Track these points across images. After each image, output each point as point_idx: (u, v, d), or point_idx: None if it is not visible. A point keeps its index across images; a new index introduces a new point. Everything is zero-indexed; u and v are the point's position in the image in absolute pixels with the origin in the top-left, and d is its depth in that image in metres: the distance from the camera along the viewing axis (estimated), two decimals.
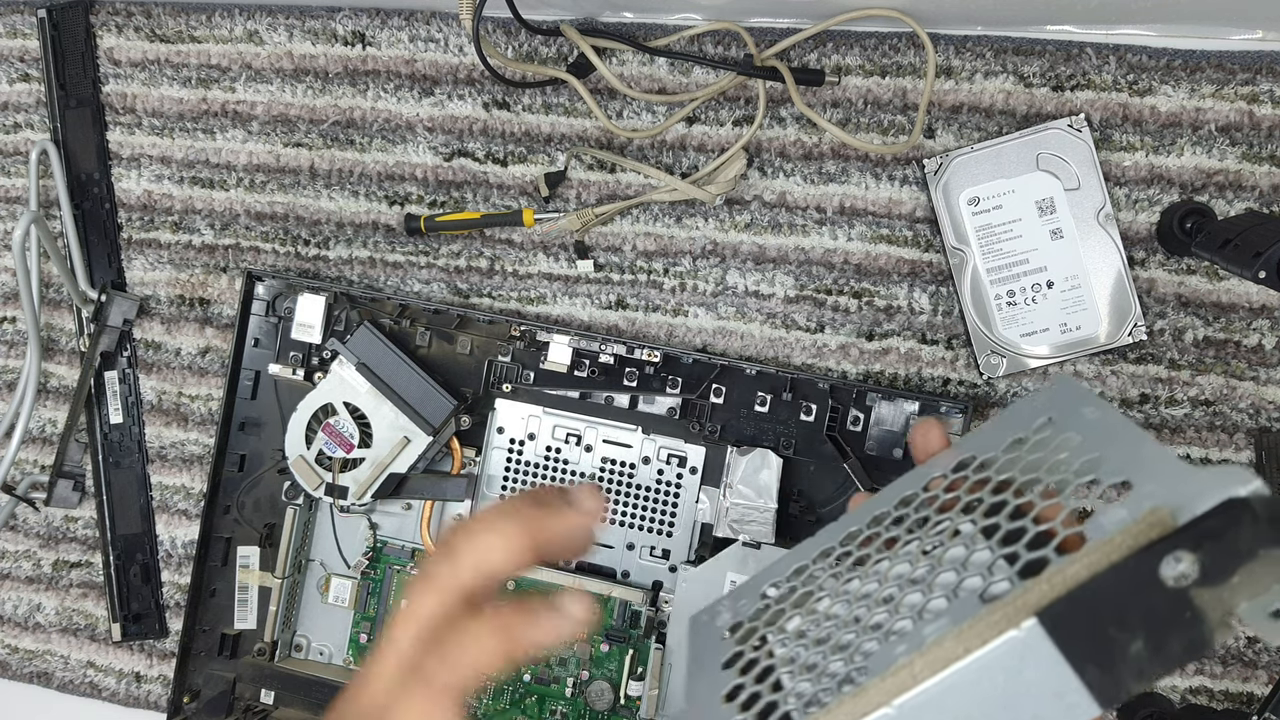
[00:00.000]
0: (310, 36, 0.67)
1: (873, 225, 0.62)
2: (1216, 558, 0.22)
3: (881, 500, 0.32)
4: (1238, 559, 0.22)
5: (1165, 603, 0.22)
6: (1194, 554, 0.22)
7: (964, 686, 0.24)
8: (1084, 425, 0.27)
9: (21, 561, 0.73)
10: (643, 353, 0.61)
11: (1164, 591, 0.22)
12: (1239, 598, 0.22)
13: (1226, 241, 0.52)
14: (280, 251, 0.68)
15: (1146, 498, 0.23)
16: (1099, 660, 0.23)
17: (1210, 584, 0.22)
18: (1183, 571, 0.22)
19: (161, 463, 0.71)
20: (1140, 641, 0.22)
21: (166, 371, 0.70)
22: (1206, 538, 0.22)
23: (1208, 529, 0.22)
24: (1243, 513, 0.21)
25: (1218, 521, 0.22)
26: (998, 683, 0.24)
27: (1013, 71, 0.60)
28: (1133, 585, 0.22)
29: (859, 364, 0.63)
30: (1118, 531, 0.23)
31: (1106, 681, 0.23)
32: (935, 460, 0.32)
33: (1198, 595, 0.22)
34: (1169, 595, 0.22)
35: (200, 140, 0.69)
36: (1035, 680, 0.23)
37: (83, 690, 0.73)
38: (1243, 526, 0.21)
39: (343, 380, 0.62)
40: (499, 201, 0.66)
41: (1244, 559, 0.21)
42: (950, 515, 0.29)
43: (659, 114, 0.64)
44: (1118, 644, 0.23)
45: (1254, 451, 0.60)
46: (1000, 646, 0.24)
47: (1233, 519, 0.21)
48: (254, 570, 0.66)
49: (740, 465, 0.61)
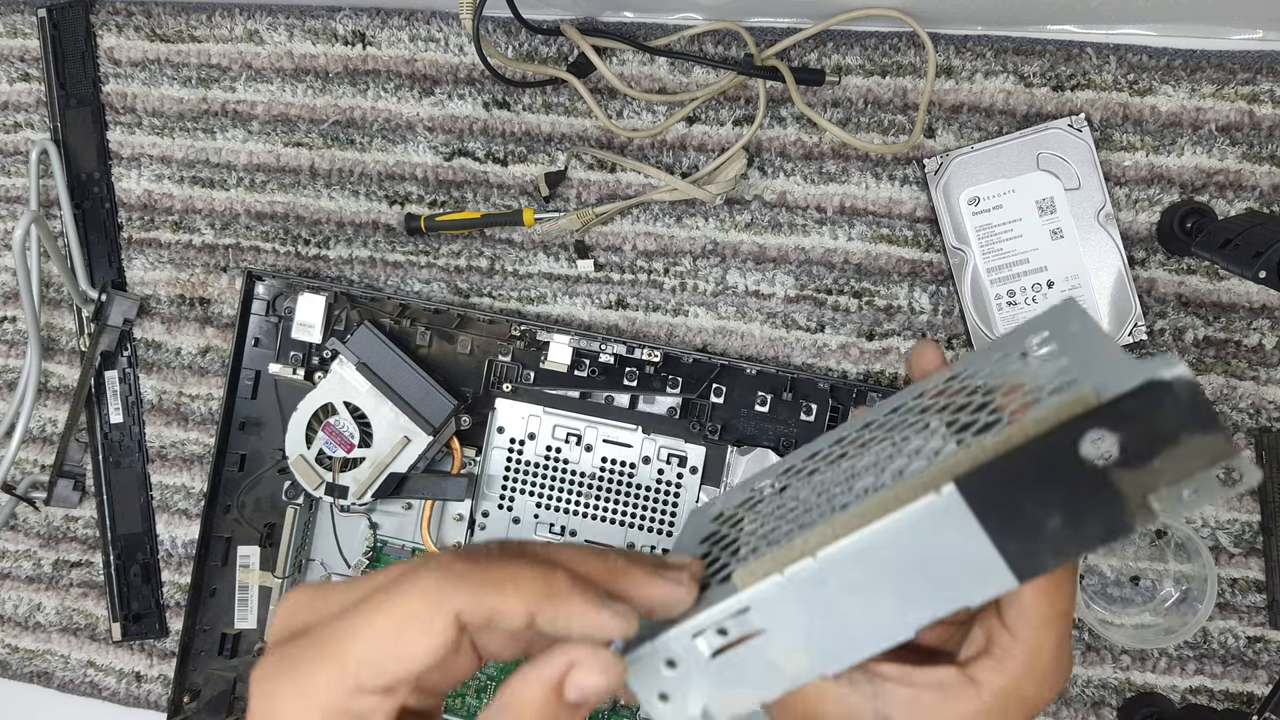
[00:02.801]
0: (310, 36, 0.67)
1: (873, 225, 0.62)
2: (1138, 439, 0.22)
3: (875, 410, 0.33)
4: (1159, 442, 0.22)
5: (1085, 481, 0.22)
6: (1114, 434, 0.22)
7: (885, 544, 0.24)
8: (1066, 338, 0.27)
9: (22, 561, 0.73)
10: (643, 352, 0.61)
11: (1084, 470, 0.22)
12: (1160, 482, 0.22)
13: (1226, 241, 0.52)
14: (280, 251, 0.68)
15: (1083, 383, 0.23)
16: (1016, 532, 0.23)
17: (1130, 466, 0.22)
18: (1103, 451, 0.22)
19: (162, 462, 0.71)
20: (1058, 518, 0.23)
21: (167, 371, 0.70)
22: (1127, 419, 0.22)
23: (1129, 410, 0.22)
24: (1164, 396, 0.21)
25: (1140, 403, 0.22)
26: (917, 544, 0.24)
27: (1013, 71, 0.60)
28: (1053, 461, 0.22)
29: (859, 364, 0.63)
30: (1045, 410, 0.23)
31: (1023, 554, 0.23)
32: (930, 377, 0.32)
33: (1118, 477, 0.22)
34: (1089, 474, 0.22)
35: (200, 140, 0.69)
36: (953, 546, 0.24)
37: (83, 690, 0.73)
38: (1164, 410, 0.21)
39: (343, 380, 0.62)
40: (499, 201, 0.66)
41: (1165, 443, 0.22)
42: (926, 416, 0.29)
43: (659, 114, 0.64)
44: (1036, 518, 0.23)
45: (1254, 451, 0.60)
46: (920, 508, 0.24)
47: (1154, 401, 0.21)
48: (254, 570, 0.66)
49: (740, 465, 0.61)
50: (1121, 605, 0.61)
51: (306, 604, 0.24)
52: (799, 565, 0.25)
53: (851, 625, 0.25)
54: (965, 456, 0.24)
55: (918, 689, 0.28)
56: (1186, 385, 0.21)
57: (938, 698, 0.28)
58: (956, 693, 0.27)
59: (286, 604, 0.24)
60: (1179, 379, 0.21)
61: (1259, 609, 0.60)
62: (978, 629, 0.29)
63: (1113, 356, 0.24)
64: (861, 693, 0.28)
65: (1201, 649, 0.60)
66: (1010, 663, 0.27)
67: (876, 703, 0.28)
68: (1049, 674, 0.27)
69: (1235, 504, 0.60)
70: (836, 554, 0.25)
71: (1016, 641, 0.27)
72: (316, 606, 0.24)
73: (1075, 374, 0.24)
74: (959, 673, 0.28)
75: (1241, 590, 0.60)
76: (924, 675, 0.28)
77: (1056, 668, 0.27)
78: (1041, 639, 0.27)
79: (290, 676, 0.22)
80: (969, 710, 0.27)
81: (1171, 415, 0.21)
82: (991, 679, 0.27)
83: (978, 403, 0.27)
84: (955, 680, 0.28)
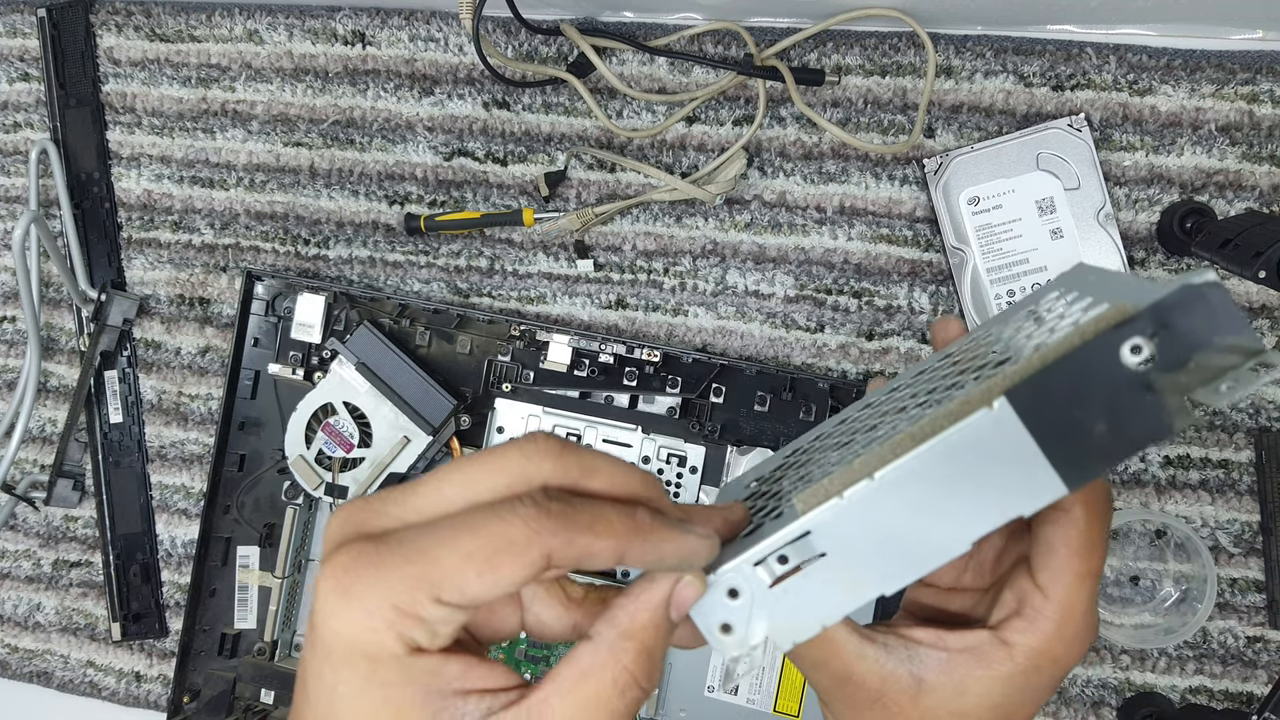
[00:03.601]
0: (310, 36, 0.67)
1: (873, 225, 0.62)
2: (1173, 343, 0.23)
3: (900, 378, 0.34)
4: (1195, 344, 0.23)
5: (1127, 385, 0.23)
6: (1151, 340, 0.23)
7: (940, 461, 0.25)
8: (1085, 285, 0.28)
9: (21, 561, 0.73)
10: (643, 352, 0.61)
11: (1126, 374, 0.23)
12: (1195, 382, 0.23)
13: (1226, 241, 0.52)
14: (280, 251, 0.68)
15: (1118, 300, 0.25)
16: (1064, 439, 0.24)
17: (1168, 369, 0.23)
18: (1143, 356, 0.23)
19: (161, 462, 0.71)
20: (1103, 423, 0.24)
21: (166, 371, 0.70)
22: (1163, 325, 0.23)
23: (1163, 317, 0.23)
24: (1196, 302, 0.23)
25: (1173, 311, 0.23)
26: (971, 459, 0.25)
27: (1013, 71, 0.60)
28: (1096, 368, 0.24)
29: (859, 363, 0.63)
30: (1087, 322, 0.24)
31: (1071, 460, 0.24)
32: (953, 343, 0.33)
33: (1157, 379, 0.23)
34: (1130, 378, 0.23)
35: (200, 140, 0.69)
36: (1006, 457, 0.25)
37: (83, 690, 0.73)
38: (1196, 315, 0.23)
39: (342, 380, 0.62)
40: (499, 201, 0.66)
41: (1198, 345, 0.23)
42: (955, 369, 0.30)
43: (659, 114, 0.64)
44: (1082, 424, 0.24)
45: (1254, 451, 0.60)
46: (973, 422, 0.25)
47: (1187, 308, 0.23)
48: (254, 570, 0.66)
49: (740, 465, 0.61)
50: (1121, 605, 0.61)
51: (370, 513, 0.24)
52: (858, 487, 0.26)
53: (909, 543, 0.26)
54: (1013, 372, 0.25)
55: (952, 652, 0.28)
56: (1217, 290, 0.23)
57: (972, 660, 0.28)
58: (990, 654, 0.28)
59: (341, 517, 0.25)
60: (1208, 284, 0.23)
61: (1259, 609, 0.60)
62: (1008, 592, 0.29)
63: (1137, 283, 0.25)
64: (897, 656, 0.29)
65: (1201, 649, 0.60)
66: (1042, 622, 0.28)
67: (911, 665, 0.28)
68: (1079, 633, 0.28)
69: (1235, 504, 0.60)
70: (894, 473, 0.26)
71: (1049, 601, 0.28)
72: (390, 512, 0.24)
73: (1107, 298, 0.25)
74: (991, 635, 0.28)
75: (1241, 590, 0.60)
76: (957, 639, 0.29)
77: (1086, 627, 0.28)
78: (1074, 598, 0.28)
79: (373, 568, 0.23)
80: (1002, 672, 0.28)
81: (1204, 319, 0.23)
82: (1024, 640, 0.28)
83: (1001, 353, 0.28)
84: (988, 642, 0.28)
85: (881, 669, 0.28)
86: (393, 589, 0.23)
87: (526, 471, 0.24)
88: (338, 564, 0.23)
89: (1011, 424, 0.24)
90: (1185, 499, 0.60)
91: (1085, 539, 0.28)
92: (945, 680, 0.28)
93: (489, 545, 0.23)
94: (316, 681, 0.24)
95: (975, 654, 0.28)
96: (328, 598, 0.23)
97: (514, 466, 0.24)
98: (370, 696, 0.23)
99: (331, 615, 0.23)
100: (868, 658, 0.29)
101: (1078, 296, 0.28)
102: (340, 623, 0.23)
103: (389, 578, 0.23)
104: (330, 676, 0.24)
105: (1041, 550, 0.28)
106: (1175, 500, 0.60)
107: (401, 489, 0.25)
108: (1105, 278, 0.28)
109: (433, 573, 0.22)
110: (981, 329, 0.33)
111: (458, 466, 0.24)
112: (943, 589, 0.33)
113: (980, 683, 0.28)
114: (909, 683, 0.28)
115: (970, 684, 0.28)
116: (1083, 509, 0.28)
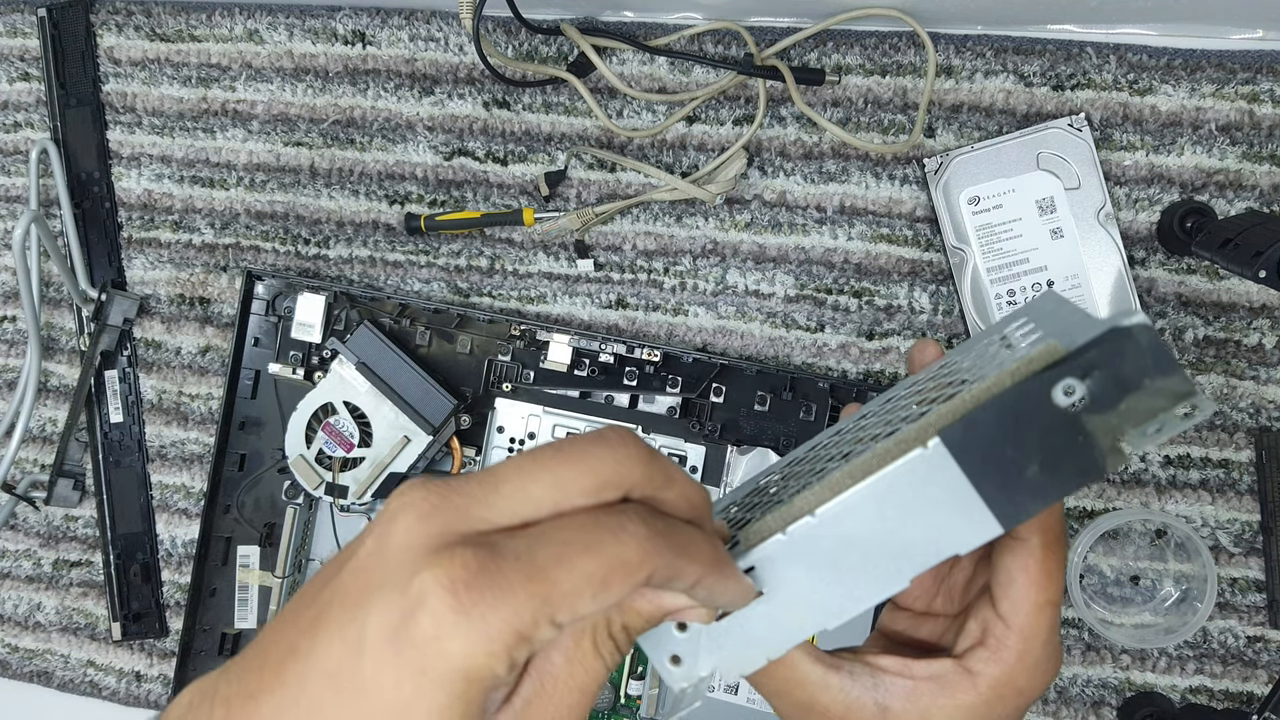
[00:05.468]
0: (310, 36, 0.67)
1: (873, 224, 0.62)
2: (1104, 385, 0.23)
3: (870, 404, 0.35)
4: (1125, 387, 0.23)
5: (1058, 425, 0.24)
6: (1083, 381, 0.23)
7: (877, 498, 0.26)
8: (1042, 316, 0.29)
9: (21, 561, 0.73)
10: (643, 352, 0.61)
11: (1057, 415, 0.24)
12: (1127, 424, 0.24)
13: (1226, 241, 0.52)
14: (280, 251, 0.68)
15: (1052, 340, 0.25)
16: (997, 478, 0.25)
17: (1099, 410, 0.24)
18: (1075, 398, 0.23)
19: (161, 462, 0.71)
20: (1036, 463, 0.24)
21: (166, 371, 0.70)
22: (1094, 366, 0.23)
23: (1094, 359, 0.23)
24: (1126, 344, 0.23)
25: (1104, 351, 0.23)
26: (908, 497, 0.25)
27: (1013, 71, 0.60)
28: (1028, 410, 0.24)
29: (859, 363, 0.63)
30: (1018, 363, 0.25)
31: (1005, 499, 0.25)
32: (923, 370, 0.34)
33: (1088, 421, 0.24)
34: (1062, 418, 0.24)
35: (200, 139, 0.69)
36: (940, 497, 0.25)
37: (83, 689, 0.73)
38: (1127, 356, 0.23)
39: (343, 380, 0.62)
40: (499, 201, 0.66)
41: (1130, 387, 0.23)
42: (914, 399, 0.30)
43: (659, 113, 0.64)
44: (1015, 463, 0.24)
45: (1254, 451, 0.60)
46: (908, 462, 0.25)
47: (1117, 348, 0.23)
48: (254, 570, 0.66)
49: (740, 465, 0.61)
50: (1121, 605, 0.61)
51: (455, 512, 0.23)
52: (799, 523, 0.26)
53: (850, 578, 0.27)
54: (947, 411, 0.25)
55: (917, 681, 0.28)
56: (1145, 332, 0.23)
57: (936, 688, 0.28)
58: (954, 683, 0.28)
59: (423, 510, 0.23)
60: (1138, 326, 0.23)
61: (1259, 609, 0.60)
62: (973, 621, 0.29)
63: (1081, 320, 0.26)
64: (862, 684, 0.29)
65: (1201, 649, 0.60)
66: (1005, 652, 0.28)
67: (876, 694, 0.29)
68: (1041, 662, 0.28)
69: (1235, 504, 0.60)
70: (833, 510, 0.26)
71: (1010, 630, 0.28)
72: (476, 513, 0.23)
73: (1047, 335, 0.26)
74: (956, 664, 0.29)
75: (1241, 590, 0.60)
76: (922, 667, 0.29)
77: (1048, 657, 0.28)
78: (1035, 627, 0.28)
79: (496, 589, 0.21)
80: (966, 701, 0.28)
81: (1134, 361, 0.23)
82: (987, 669, 0.28)
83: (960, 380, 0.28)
84: (952, 671, 0.28)
85: (846, 697, 0.29)
86: (517, 613, 0.21)
87: (618, 476, 0.23)
88: (456, 579, 0.21)
89: (945, 463, 0.25)
90: (1185, 499, 0.60)
91: (1042, 568, 0.28)
92: (910, 709, 0.28)
93: (605, 567, 0.22)
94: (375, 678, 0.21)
95: (940, 682, 0.28)
96: (444, 615, 0.21)
97: (605, 471, 0.23)
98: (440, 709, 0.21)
99: (449, 636, 0.21)
100: (832, 687, 0.29)
101: (1031, 329, 0.28)
102: (458, 645, 0.21)
103: (513, 600, 0.21)
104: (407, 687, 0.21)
105: (1001, 580, 0.28)
106: (1175, 500, 0.60)
107: (479, 482, 0.23)
108: (1061, 311, 0.28)
109: (553, 594, 0.21)
110: (948, 356, 0.33)
111: (541, 463, 0.23)
112: (916, 614, 0.33)
113: (944, 711, 0.28)
114: (873, 711, 0.28)
115: (935, 713, 0.28)
116: (1039, 538, 0.28)
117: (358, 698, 0.21)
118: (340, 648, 0.22)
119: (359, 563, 0.23)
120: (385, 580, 0.22)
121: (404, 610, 0.21)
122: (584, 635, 0.24)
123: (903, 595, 0.33)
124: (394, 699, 0.21)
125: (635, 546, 0.22)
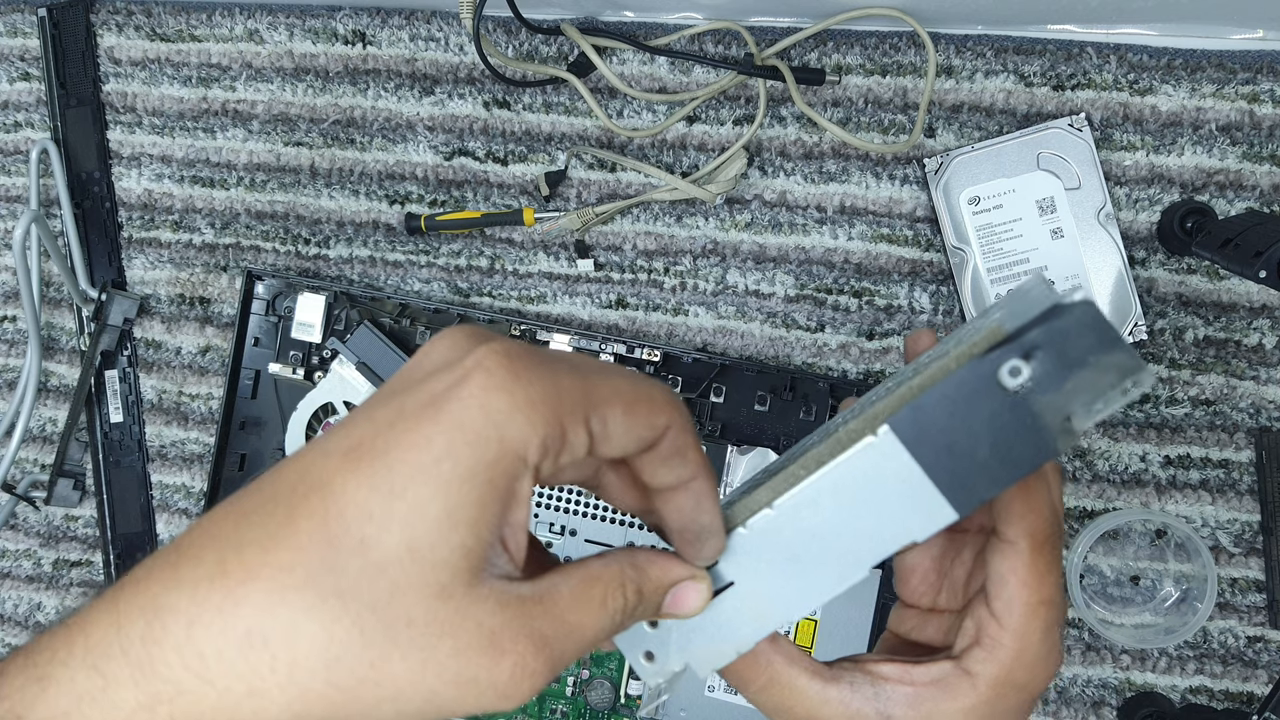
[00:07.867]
0: (310, 35, 0.67)
1: (873, 224, 0.62)
2: (1048, 365, 0.23)
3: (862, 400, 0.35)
4: (1069, 367, 0.23)
5: (1006, 408, 0.24)
6: (1028, 363, 0.23)
7: (832, 489, 0.26)
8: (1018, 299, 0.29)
9: (21, 560, 0.73)
10: (643, 352, 0.61)
11: (1004, 397, 0.24)
12: (1074, 403, 0.23)
13: (1227, 241, 0.52)
14: (280, 250, 0.68)
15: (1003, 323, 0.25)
16: (949, 464, 0.25)
17: (1045, 391, 0.23)
18: (1021, 379, 0.23)
19: (162, 461, 0.71)
20: (987, 448, 0.24)
21: (167, 370, 0.70)
22: (1037, 346, 0.23)
23: (1036, 339, 0.23)
24: (1068, 321, 0.23)
25: (1046, 331, 0.23)
26: (861, 485, 0.26)
27: (1013, 71, 0.60)
28: (975, 393, 0.24)
29: (859, 363, 0.63)
30: (964, 347, 0.25)
31: (958, 484, 0.25)
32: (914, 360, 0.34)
33: (1035, 401, 0.23)
34: (1009, 400, 0.24)
35: (201, 139, 0.69)
36: (895, 484, 0.25)
37: None
38: (1070, 335, 0.23)
39: (343, 379, 0.62)
40: (499, 201, 0.66)
41: (1075, 365, 0.23)
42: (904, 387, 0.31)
43: (659, 113, 0.64)
44: (965, 448, 0.24)
45: (1254, 451, 0.60)
46: (859, 451, 0.25)
47: (1060, 328, 0.23)
48: None
49: (740, 465, 0.61)
50: (1121, 605, 0.61)
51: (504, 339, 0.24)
52: (758, 516, 0.27)
53: (811, 569, 0.27)
54: (897, 398, 0.25)
55: (917, 686, 0.28)
56: (1086, 309, 0.23)
57: (937, 692, 0.28)
58: (954, 685, 0.28)
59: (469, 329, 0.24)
60: (1078, 304, 0.23)
61: (1259, 609, 0.60)
62: (969, 620, 0.29)
63: (1042, 300, 0.25)
64: (863, 695, 0.28)
65: (1201, 649, 0.60)
66: (1000, 651, 0.28)
67: (878, 703, 0.28)
68: (1039, 660, 0.28)
69: (1235, 504, 0.60)
70: (790, 502, 0.26)
71: (1004, 630, 0.28)
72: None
73: (1003, 318, 0.26)
74: (954, 666, 0.28)
75: (1241, 590, 0.60)
76: (921, 672, 0.29)
77: (1047, 654, 0.28)
78: (1028, 625, 0.28)
79: (544, 365, 0.23)
80: (967, 702, 0.28)
81: (1077, 340, 0.23)
82: (985, 669, 0.28)
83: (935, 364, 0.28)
84: (951, 673, 0.28)
85: (848, 710, 0.28)
86: (560, 394, 0.22)
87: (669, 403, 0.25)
88: (511, 351, 0.22)
89: (896, 450, 0.25)
90: (1185, 499, 0.60)
91: (1032, 570, 0.27)
92: (913, 715, 0.28)
93: (637, 391, 0.24)
94: (404, 437, 0.22)
95: (940, 686, 0.28)
96: (496, 373, 0.22)
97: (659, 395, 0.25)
98: (467, 476, 0.21)
99: (498, 389, 0.22)
100: (831, 701, 0.29)
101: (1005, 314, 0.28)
102: (503, 400, 0.21)
103: (559, 382, 0.22)
104: (439, 441, 0.21)
105: (993, 579, 0.28)
106: (1175, 500, 0.60)
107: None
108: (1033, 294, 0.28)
109: (593, 395, 0.23)
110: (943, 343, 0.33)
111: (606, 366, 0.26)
112: (923, 611, 0.33)
113: (948, 715, 0.28)
114: None
115: (939, 717, 0.28)
116: (1027, 540, 0.27)
117: (378, 458, 0.22)
118: (386, 411, 0.23)
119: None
120: (440, 369, 0.23)
121: (456, 378, 0.22)
122: (594, 584, 0.25)
123: (906, 592, 0.33)
124: (416, 460, 0.21)
125: (663, 392, 0.25)
